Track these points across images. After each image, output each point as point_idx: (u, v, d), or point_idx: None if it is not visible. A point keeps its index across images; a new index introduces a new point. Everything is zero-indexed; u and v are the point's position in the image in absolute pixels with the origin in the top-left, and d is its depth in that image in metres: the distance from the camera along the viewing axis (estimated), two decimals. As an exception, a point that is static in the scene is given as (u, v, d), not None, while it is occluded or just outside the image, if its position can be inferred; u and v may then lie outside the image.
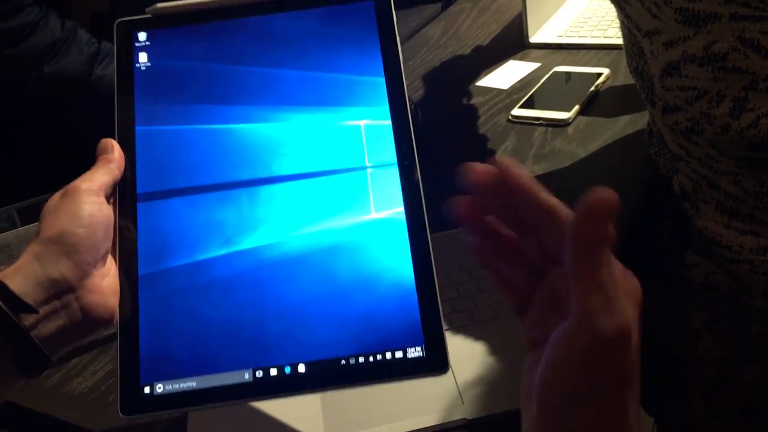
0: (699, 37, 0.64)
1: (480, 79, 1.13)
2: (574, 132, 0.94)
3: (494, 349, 0.63)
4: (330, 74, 0.53)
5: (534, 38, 1.20)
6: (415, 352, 0.46)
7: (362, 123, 0.52)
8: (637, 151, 0.87)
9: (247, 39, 0.54)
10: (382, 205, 0.49)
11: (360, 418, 0.58)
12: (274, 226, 0.49)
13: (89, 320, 0.47)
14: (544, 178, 0.86)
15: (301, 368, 0.46)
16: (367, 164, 0.51)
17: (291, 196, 0.50)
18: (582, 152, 0.89)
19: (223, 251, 0.49)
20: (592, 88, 1.00)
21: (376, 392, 0.48)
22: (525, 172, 0.39)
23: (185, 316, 0.48)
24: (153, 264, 0.49)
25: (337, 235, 0.49)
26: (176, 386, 0.46)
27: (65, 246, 0.46)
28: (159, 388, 0.47)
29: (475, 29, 1.32)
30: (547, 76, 1.07)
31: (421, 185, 0.49)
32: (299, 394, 0.46)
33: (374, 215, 0.49)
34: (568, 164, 0.87)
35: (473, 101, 1.07)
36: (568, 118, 0.95)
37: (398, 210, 0.49)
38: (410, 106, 0.90)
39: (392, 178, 0.50)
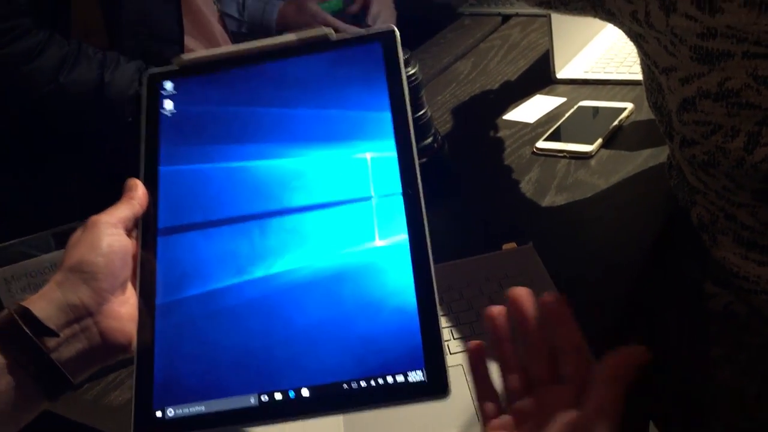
0: (713, 74, 0.67)
1: (507, 113, 1.16)
2: (597, 164, 0.96)
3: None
4: (339, 111, 0.56)
5: (561, 74, 1.23)
6: (416, 376, 0.47)
7: (368, 155, 0.54)
8: (657, 184, 0.89)
9: (263, 83, 0.58)
10: (387, 233, 0.51)
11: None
12: (283, 255, 0.52)
13: (108, 344, 0.50)
14: (565, 209, 0.88)
15: (305, 392, 0.47)
16: (372, 194, 0.53)
17: (300, 227, 0.53)
18: (603, 184, 0.91)
19: (235, 280, 0.52)
20: (616, 122, 1.03)
21: (395, 410, 0.50)
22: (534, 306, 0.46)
23: (197, 343, 0.50)
24: (170, 294, 0.52)
25: (343, 263, 0.51)
26: (186, 410, 0.48)
27: (84, 274, 0.49)
28: (170, 412, 0.48)
29: (504, 65, 1.35)
30: (572, 110, 1.10)
31: (424, 213, 0.50)
32: (303, 419, 0.47)
33: (378, 242, 0.51)
34: (589, 195, 0.90)
35: (500, 134, 1.10)
36: (591, 151, 0.98)
37: (402, 237, 0.50)
38: (437, 138, 0.93)
39: (396, 207, 0.52)
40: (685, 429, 0.91)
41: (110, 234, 0.51)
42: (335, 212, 0.53)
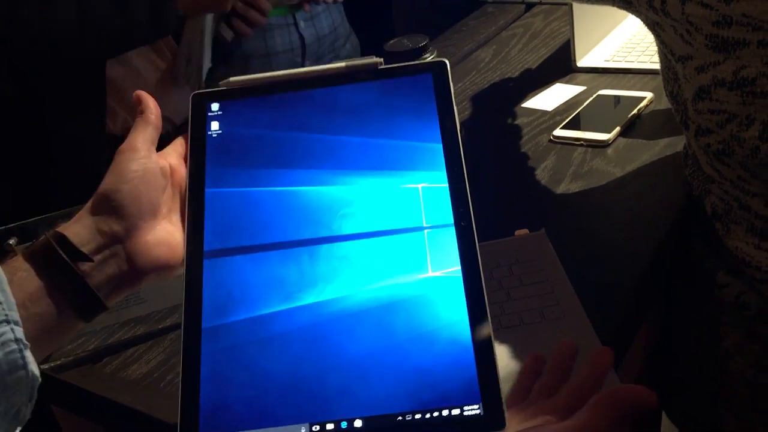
0: (728, 62, 0.67)
1: (526, 100, 1.16)
2: (614, 153, 0.96)
3: (518, 353, 0.66)
4: (390, 141, 0.55)
5: (581, 62, 1.22)
6: (472, 410, 0.46)
7: (420, 186, 0.53)
8: (673, 174, 0.88)
9: (312, 109, 0.57)
10: (439, 265, 0.50)
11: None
12: (334, 283, 0.51)
13: (135, 270, 0.52)
14: (580, 197, 0.89)
15: (358, 423, 0.46)
16: (425, 225, 0.52)
17: (350, 255, 0.52)
18: (619, 173, 0.91)
19: (283, 306, 0.50)
20: (634, 111, 1.02)
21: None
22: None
23: (245, 370, 0.48)
24: (216, 318, 0.50)
25: (394, 293, 0.50)
26: None
27: (112, 202, 0.51)
28: None
29: (525, 53, 1.35)
30: (591, 98, 1.09)
31: (477, 245, 0.50)
32: None
33: (431, 273, 0.50)
34: (604, 183, 0.90)
35: (518, 121, 1.10)
36: (608, 140, 0.98)
37: (455, 269, 0.50)
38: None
39: (449, 239, 0.51)
40: (697, 419, 0.91)
41: (133, 159, 0.53)
42: (386, 241, 0.52)
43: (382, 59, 0.58)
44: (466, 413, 0.46)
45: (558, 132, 1.02)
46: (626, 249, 0.79)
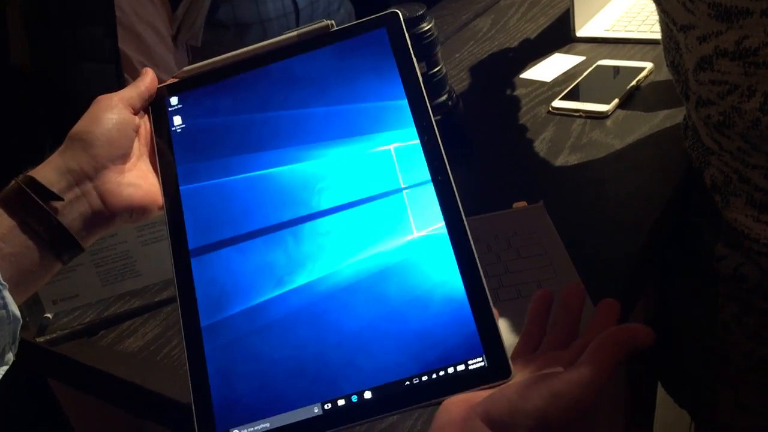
0: (731, 32, 0.66)
1: (524, 71, 1.15)
2: (612, 125, 0.95)
3: (516, 325, 0.66)
4: (354, 105, 0.55)
5: (581, 32, 1.21)
6: (476, 363, 0.46)
7: (392, 147, 0.52)
8: (672, 145, 0.88)
9: (271, 85, 0.57)
10: (423, 224, 0.50)
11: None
12: (322, 260, 0.51)
13: (108, 208, 0.53)
14: (578, 169, 0.88)
15: (368, 395, 0.46)
16: (402, 186, 0.51)
17: (334, 229, 0.51)
18: (618, 144, 0.90)
19: (276, 292, 0.50)
20: (633, 83, 1.01)
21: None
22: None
23: (249, 361, 0.49)
24: (213, 314, 0.51)
25: (383, 259, 0.50)
26: (251, 430, 0.47)
27: (82, 142, 0.52)
28: None
29: (523, 23, 1.33)
30: (590, 69, 1.08)
31: (458, 198, 0.50)
32: (370, 420, 0.46)
33: (416, 234, 0.50)
34: (603, 155, 0.89)
35: (516, 92, 1.09)
36: (607, 111, 0.97)
37: (439, 225, 0.49)
38: (452, 96, 0.93)
39: (429, 196, 0.51)
40: (693, 391, 0.92)
41: (108, 107, 0.54)
42: (367, 209, 0.51)
43: (332, 21, 0.56)
44: (471, 367, 0.46)
45: (557, 103, 1.01)
46: (625, 221, 0.78)
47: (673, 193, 0.82)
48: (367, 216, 0.51)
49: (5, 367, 0.49)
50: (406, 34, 0.55)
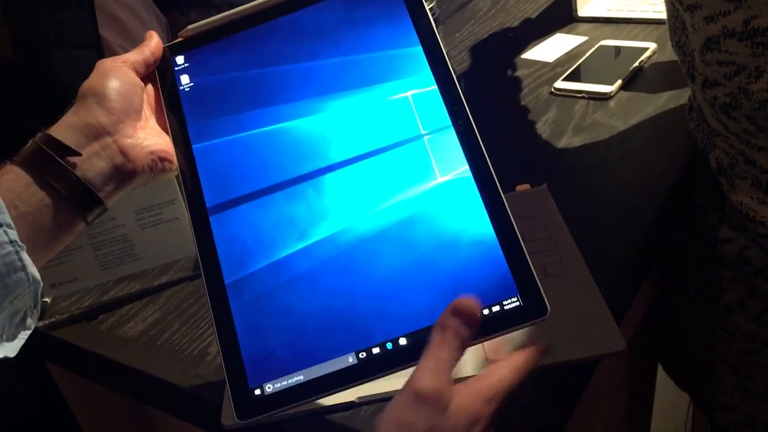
0: (739, 11, 0.65)
1: (526, 51, 1.13)
2: (616, 106, 0.94)
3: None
4: (367, 54, 0.54)
5: (582, 12, 1.19)
6: (512, 303, 0.46)
7: (409, 94, 0.52)
8: (677, 126, 0.87)
9: (279, 39, 0.55)
10: (447, 168, 0.49)
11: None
12: (345, 211, 0.50)
13: (129, 162, 0.52)
14: (582, 150, 0.87)
15: (403, 341, 0.46)
16: (423, 132, 0.51)
17: (356, 179, 0.51)
18: (622, 126, 0.89)
19: (300, 245, 0.49)
20: (637, 63, 1.00)
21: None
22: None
23: (278, 315, 0.48)
24: (237, 271, 0.50)
25: (409, 207, 0.49)
26: (285, 383, 0.46)
27: (96, 97, 0.51)
28: (269, 388, 0.47)
29: (524, 2, 1.31)
30: (592, 49, 1.07)
31: (480, 140, 0.49)
32: (406, 367, 0.45)
33: (441, 179, 0.49)
34: (606, 137, 0.88)
35: (518, 73, 1.08)
36: (611, 92, 0.96)
37: (463, 169, 0.49)
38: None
39: (450, 140, 0.50)
40: (695, 374, 0.92)
41: (116, 67, 0.53)
42: (388, 157, 0.51)
43: None
44: (506, 307, 0.46)
45: (559, 84, 1.00)
46: (629, 204, 0.78)
47: (678, 175, 0.81)
48: (388, 164, 0.51)
49: (27, 332, 0.48)
50: None
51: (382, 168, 0.51)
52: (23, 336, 0.48)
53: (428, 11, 0.53)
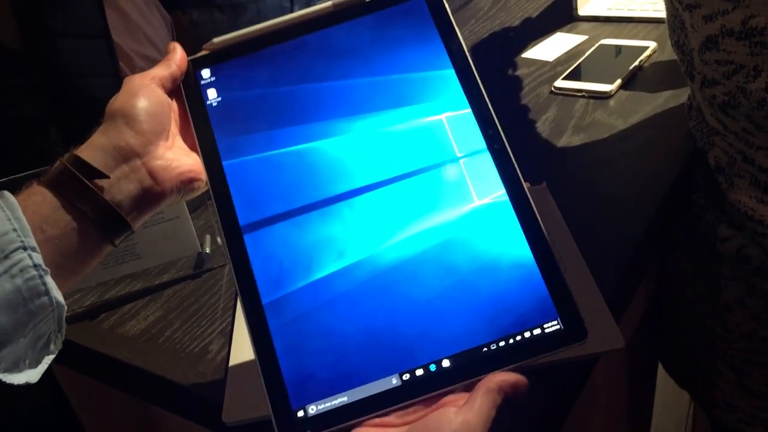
0: (737, 11, 0.65)
1: (526, 50, 1.13)
2: (616, 105, 0.95)
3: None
4: (399, 75, 0.53)
5: (583, 11, 1.20)
6: (552, 326, 0.46)
7: (443, 116, 0.52)
8: (676, 125, 0.87)
9: (309, 57, 0.55)
10: (484, 192, 0.50)
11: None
12: (383, 231, 0.50)
13: (158, 184, 0.51)
14: (581, 149, 0.87)
15: (446, 363, 0.46)
16: (459, 155, 0.51)
17: (392, 200, 0.50)
18: (622, 125, 0.90)
19: (339, 266, 0.49)
20: (636, 62, 1.00)
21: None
22: None
23: (319, 336, 0.48)
24: (274, 291, 0.49)
25: (447, 229, 0.49)
26: (328, 404, 0.46)
27: (125, 117, 0.50)
28: (312, 409, 0.46)
29: (525, 1, 1.32)
30: (592, 48, 1.07)
31: (515, 165, 0.49)
32: (449, 388, 0.46)
33: (478, 203, 0.49)
34: (606, 136, 0.88)
35: (518, 72, 1.08)
36: (610, 91, 0.96)
37: (500, 193, 0.49)
38: None
39: (486, 164, 0.50)
40: (694, 373, 0.92)
41: (144, 86, 0.52)
42: (424, 179, 0.51)
43: None
44: (547, 330, 0.46)
45: (559, 83, 1.00)
46: (629, 202, 0.78)
47: (678, 174, 0.81)
48: (424, 186, 0.51)
49: (51, 357, 0.48)
50: (445, 2, 0.54)
51: (418, 190, 0.51)
52: (47, 361, 0.47)
53: (459, 34, 0.53)
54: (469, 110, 0.52)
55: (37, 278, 0.44)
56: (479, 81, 0.52)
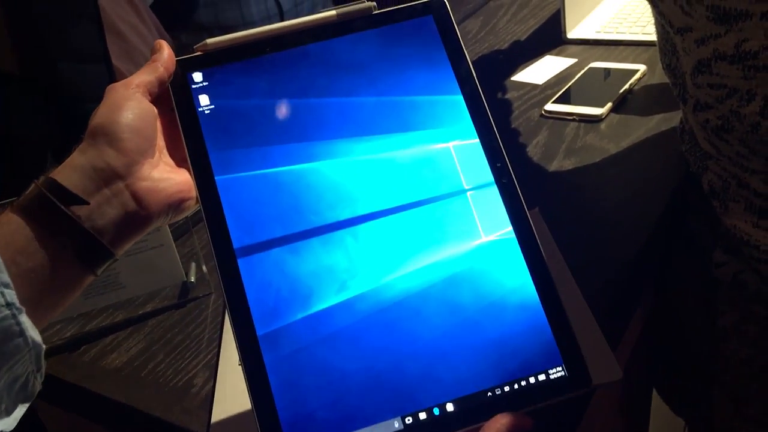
0: (730, 35, 0.64)
1: (515, 74, 1.13)
2: (607, 128, 0.94)
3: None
4: (406, 97, 0.51)
5: (572, 34, 1.19)
6: (556, 373, 0.45)
7: (450, 144, 0.50)
8: (669, 149, 0.86)
9: (311, 68, 0.51)
10: (490, 228, 0.48)
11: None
12: (388, 263, 0.47)
13: (143, 209, 0.47)
14: (573, 173, 0.86)
15: (450, 407, 0.45)
16: (466, 187, 0.49)
17: (397, 230, 0.48)
18: (613, 149, 0.89)
19: (340, 298, 0.47)
20: (627, 86, 1.00)
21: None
22: None
23: (317, 372, 0.45)
24: (271, 322, 0.46)
25: (453, 264, 0.47)
26: None
27: (107, 136, 0.46)
28: None
29: (513, 24, 1.32)
30: (582, 71, 1.07)
31: (523, 201, 0.48)
32: None
33: (485, 239, 0.48)
34: (598, 160, 0.87)
35: (507, 96, 1.07)
36: (601, 114, 0.95)
37: (507, 230, 0.48)
38: None
39: (494, 199, 0.49)
40: (690, 400, 0.90)
41: (127, 97, 0.48)
42: (430, 210, 0.48)
43: (374, 3, 0.52)
44: (551, 377, 0.45)
45: (549, 106, 0.99)
46: (622, 227, 0.77)
47: (671, 198, 0.80)
48: (430, 217, 0.48)
49: (26, 405, 0.44)
50: (455, 23, 0.52)
51: (424, 221, 0.48)
52: (22, 408, 0.43)
53: (468, 58, 0.52)
54: (477, 140, 0.50)
55: (11, 318, 0.41)
56: (488, 110, 0.50)
